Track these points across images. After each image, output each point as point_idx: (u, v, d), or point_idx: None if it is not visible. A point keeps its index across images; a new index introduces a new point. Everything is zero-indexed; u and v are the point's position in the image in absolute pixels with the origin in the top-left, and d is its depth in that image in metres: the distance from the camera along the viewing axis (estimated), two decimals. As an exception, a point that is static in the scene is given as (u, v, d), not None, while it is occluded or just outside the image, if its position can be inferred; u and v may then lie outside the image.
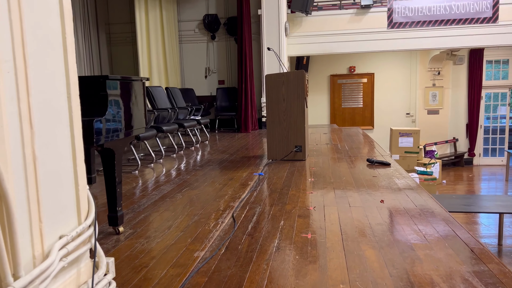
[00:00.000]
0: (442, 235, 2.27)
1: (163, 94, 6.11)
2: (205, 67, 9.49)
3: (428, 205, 2.84)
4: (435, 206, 2.81)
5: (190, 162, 4.97)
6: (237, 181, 3.77)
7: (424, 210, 2.73)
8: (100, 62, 9.05)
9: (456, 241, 2.18)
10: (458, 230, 2.34)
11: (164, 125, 5.15)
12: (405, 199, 3.03)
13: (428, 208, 2.78)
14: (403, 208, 2.79)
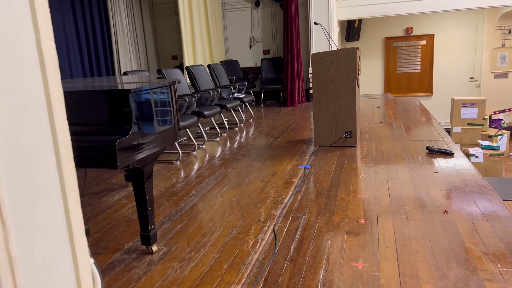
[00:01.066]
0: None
1: (205, 74, 5.86)
2: (249, 36, 9.08)
3: (504, 217, 2.43)
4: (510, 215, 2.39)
5: (233, 147, 4.75)
6: (281, 178, 3.50)
7: (500, 233, 2.33)
8: (144, 36, 8.92)
9: (541, 282, 1.80)
10: (543, 262, 1.95)
11: (206, 109, 4.94)
12: (474, 209, 2.63)
13: (506, 227, 2.38)
14: (472, 224, 2.41)
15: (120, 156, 1.93)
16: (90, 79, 3.38)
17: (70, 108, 2.25)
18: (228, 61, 8.85)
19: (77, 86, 2.38)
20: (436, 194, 2.92)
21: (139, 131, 2.07)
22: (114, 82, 2.66)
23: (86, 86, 2.26)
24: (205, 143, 5.06)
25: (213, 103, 5.43)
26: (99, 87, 2.22)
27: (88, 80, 3.25)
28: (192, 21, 8.30)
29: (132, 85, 2.20)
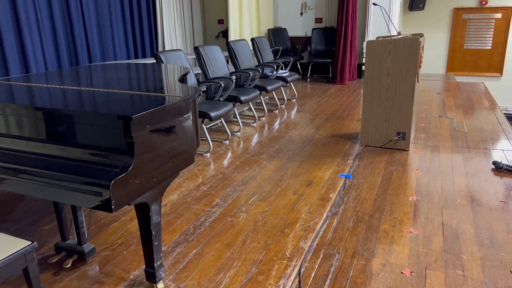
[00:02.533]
0: None
1: (246, 49, 5.38)
2: (301, 2, 8.35)
3: None
4: None
5: (270, 137, 4.35)
6: (317, 190, 3.09)
7: None
8: (191, 2, 8.44)
9: None
10: None
11: (243, 93, 4.52)
12: (551, 270, 2.12)
13: None
14: (548, 297, 1.92)
15: (116, 198, 1.60)
16: (113, 68, 3.05)
17: (70, 127, 1.95)
18: (275, 29, 8.25)
19: (73, 101, 2.05)
20: (502, 236, 2.42)
21: (144, 164, 1.72)
22: (126, 90, 2.31)
23: (83, 103, 1.91)
24: (240, 129, 4.69)
25: (253, 83, 4.99)
26: (98, 106, 1.86)
27: (110, 71, 2.92)
28: (240, -17, 7.69)
29: (138, 104, 1.83)
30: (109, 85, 2.27)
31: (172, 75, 2.63)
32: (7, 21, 5.04)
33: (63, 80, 2.46)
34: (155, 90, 2.13)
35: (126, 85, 2.29)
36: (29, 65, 5.36)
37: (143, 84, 2.31)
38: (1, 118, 1.96)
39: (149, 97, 1.96)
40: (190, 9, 8.51)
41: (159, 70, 2.88)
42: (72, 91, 2.12)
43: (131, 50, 7.24)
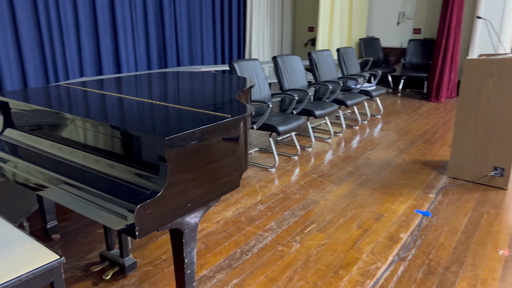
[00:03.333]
0: None
1: (329, 60, 5.08)
2: (399, 11, 7.77)
3: None
4: None
5: (343, 157, 4.02)
6: (386, 227, 2.72)
7: None
8: (283, 3, 8.35)
9: None
10: None
11: (319, 107, 4.24)
12: None
13: None
14: None
15: (141, 224, 1.48)
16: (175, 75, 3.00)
17: (106, 139, 1.89)
18: (368, 38, 7.78)
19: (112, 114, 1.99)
20: None
21: (178, 188, 1.58)
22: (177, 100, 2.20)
23: (124, 115, 1.83)
24: (313, 145, 4.42)
25: (333, 97, 4.68)
26: (136, 121, 1.76)
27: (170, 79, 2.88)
28: (334, -10, 7.38)
29: (179, 122, 1.69)
30: (160, 97, 2.19)
31: (232, 89, 2.49)
32: (105, 24, 5.39)
33: (120, 88, 2.45)
34: (204, 105, 1.99)
35: (178, 98, 2.19)
36: (121, 66, 5.68)
37: (196, 98, 2.19)
38: (44, 122, 1.98)
39: (194, 114, 1.82)
40: (281, 15, 8.42)
41: (221, 81, 2.75)
42: (120, 101, 2.07)
43: (218, 56, 7.35)
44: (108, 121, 1.71)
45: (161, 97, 2.20)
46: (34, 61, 4.67)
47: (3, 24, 4.31)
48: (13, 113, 2.22)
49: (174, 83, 2.66)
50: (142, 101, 2.09)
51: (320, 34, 7.51)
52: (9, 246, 1.68)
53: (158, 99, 2.13)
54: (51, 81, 4.85)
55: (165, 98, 2.18)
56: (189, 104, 2.03)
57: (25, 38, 4.51)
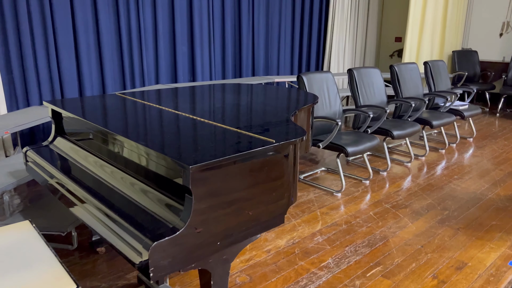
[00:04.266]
0: None
1: (415, 74, 4.56)
2: (502, 21, 6.88)
3: None
4: None
5: (423, 186, 3.52)
6: (469, 280, 2.23)
7: None
8: (368, 11, 7.88)
9: None
10: None
11: (398, 127, 3.78)
12: None
13: None
14: None
15: (156, 265, 1.27)
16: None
17: (135, 159, 1.72)
18: (463, 51, 7.00)
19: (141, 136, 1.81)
20: None
21: (205, 223, 1.35)
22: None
23: (154, 133, 1.64)
24: (388, 168, 3.95)
25: (416, 115, 4.17)
26: (166, 141, 1.56)
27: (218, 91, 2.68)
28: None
29: (212, 146, 1.46)
30: (205, 113, 1.99)
31: (290, 106, 2.21)
32: (182, 32, 5.44)
33: (169, 100, 2.30)
34: (250, 126, 1.75)
35: (224, 115, 1.96)
36: (196, 74, 5.70)
37: (244, 116, 1.95)
38: (89, 133, 1.88)
39: (234, 136, 1.58)
40: (365, 25, 7.94)
41: (279, 96, 2.49)
42: (161, 116, 1.90)
43: (295, 67, 7.11)
44: (132, 137, 1.54)
45: (206, 113, 2.00)
46: (113, 66, 4.83)
47: (86, 29, 4.51)
48: (64, 122, 2.18)
49: (227, 97, 2.46)
50: (184, 116, 1.91)
51: (407, 45, 6.92)
52: (30, 266, 1.58)
53: (201, 115, 1.93)
54: (127, 87, 4.98)
55: (210, 114, 1.97)
56: (234, 123, 1.80)
57: (105, 43, 4.68)
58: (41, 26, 4.15)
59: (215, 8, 5.72)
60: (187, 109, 2.07)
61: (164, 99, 2.34)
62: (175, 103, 2.22)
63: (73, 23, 4.39)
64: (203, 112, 2.02)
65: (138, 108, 2.07)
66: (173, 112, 1.99)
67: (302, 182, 3.60)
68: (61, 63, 4.37)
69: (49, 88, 4.35)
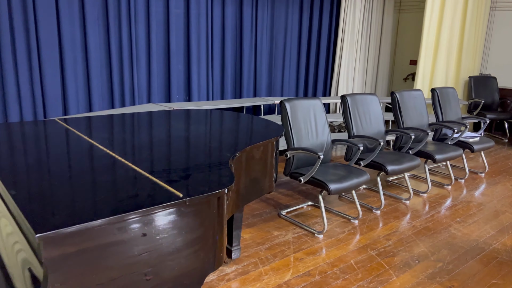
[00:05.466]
0: None
1: (419, 102, 4.19)
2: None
3: None
4: None
5: (418, 229, 3.12)
6: None
7: None
8: (381, 34, 7.55)
9: None
10: None
11: (394, 162, 3.41)
12: None
13: None
14: None
15: None
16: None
17: None
18: (481, 77, 6.55)
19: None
20: None
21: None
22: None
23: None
24: (382, 207, 3.56)
25: (418, 147, 3.79)
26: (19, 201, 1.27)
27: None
28: (441, 18, 6.40)
29: (92, 206, 1.17)
30: (126, 149, 1.70)
31: (238, 141, 1.90)
32: (178, 48, 5.24)
33: (103, 128, 2.03)
34: (165, 171, 1.45)
35: (143, 153, 1.67)
36: (192, 94, 5.47)
37: (168, 156, 1.65)
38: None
39: (134, 185, 1.28)
40: (378, 45, 7.60)
41: (235, 128, 2.19)
42: (68, 152, 1.63)
43: (300, 89, 6.82)
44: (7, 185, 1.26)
45: (128, 148, 1.72)
46: (101, 84, 4.65)
47: (73, 44, 4.35)
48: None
49: (170, 127, 2.18)
50: (97, 152, 1.63)
51: (420, 69, 6.54)
52: None
53: (120, 151, 1.65)
54: (116, 105, 4.79)
55: (131, 150, 1.68)
56: (149, 165, 1.50)
57: (94, 59, 4.51)
58: (24, 40, 4.00)
59: (215, 24, 5.51)
60: (110, 142, 1.79)
61: (100, 127, 2.07)
62: (107, 133, 1.95)
63: (59, 37, 4.24)
64: (125, 146, 1.73)
65: (56, 140, 1.81)
66: (88, 145, 1.72)
67: (283, 218, 3.26)
68: (44, 78, 4.22)
69: (31, 105, 4.19)
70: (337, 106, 7.29)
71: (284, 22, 6.34)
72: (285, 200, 3.63)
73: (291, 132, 3.08)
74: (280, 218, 3.26)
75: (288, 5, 6.28)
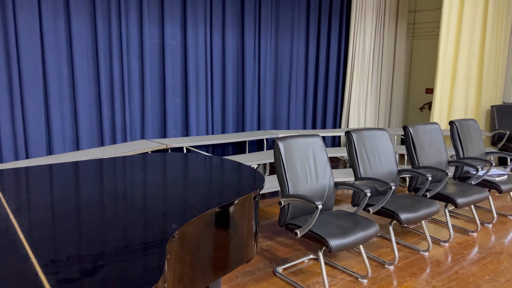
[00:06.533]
0: None
1: (436, 137, 3.73)
2: (551, 72, 5.92)
3: None
4: None
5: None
6: None
7: None
8: (394, 59, 7.16)
9: None
10: None
11: (407, 208, 2.93)
12: None
13: None
14: None
15: None
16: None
17: None
18: (504, 105, 6.06)
19: None
20: None
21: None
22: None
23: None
24: (395, 261, 3.05)
25: (435, 190, 3.30)
26: None
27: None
28: (458, 44, 5.99)
29: None
30: (31, 219, 1.30)
31: (197, 204, 1.49)
32: (174, 80, 4.94)
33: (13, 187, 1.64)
34: (71, 258, 1.04)
35: (61, 227, 1.27)
36: (190, 128, 5.13)
37: (94, 234, 1.25)
38: None
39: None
40: (391, 74, 7.20)
41: (199, 181, 1.77)
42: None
43: (308, 121, 6.42)
44: None
45: (34, 219, 1.32)
46: (89, 120, 4.35)
47: (59, 77, 4.08)
48: None
49: (100, 183, 1.77)
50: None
51: (437, 98, 6.09)
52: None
53: (25, 226, 1.25)
54: (106, 143, 4.46)
55: (36, 221, 1.28)
56: (44, 250, 1.10)
57: (81, 94, 4.22)
58: (5, 73, 3.74)
59: (215, 54, 5.21)
60: (24, 206, 1.40)
61: (20, 183, 1.69)
62: (26, 193, 1.56)
63: (43, 69, 3.97)
64: (39, 213, 1.33)
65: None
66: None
67: (279, 277, 2.79)
68: (26, 115, 3.93)
69: (11, 144, 3.89)
70: (348, 138, 6.83)
71: (289, 51, 6.03)
72: (283, 252, 3.16)
73: (286, 176, 2.66)
74: (276, 276, 2.79)
75: (293, 33, 5.98)
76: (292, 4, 5.91)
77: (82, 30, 4.14)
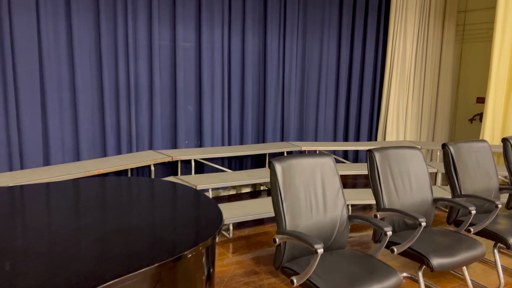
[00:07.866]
0: None
1: (485, 157, 3.04)
2: None
3: None
4: None
5: None
6: None
7: None
8: (440, 64, 6.40)
9: None
10: None
11: (440, 250, 2.30)
12: None
13: None
14: None
15: None
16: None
17: None
18: None
19: None
20: None
21: None
22: None
23: None
24: (429, 317, 2.42)
25: (481, 226, 2.62)
26: None
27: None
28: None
29: None
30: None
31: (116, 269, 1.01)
32: (187, 87, 4.54)
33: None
34: None
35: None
36: (204, 138, 4.70)
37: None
38: None
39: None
40: (436, 82, 6.44)
41: (140, 226, 1.29)
42: None
43: (339, 132, 5.80)
44: None
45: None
46: (92, 129, 4.03)
47: (59, 83, 3.78)
48: None
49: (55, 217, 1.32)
50: None
51: (489, 109, 5.30)
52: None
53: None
54: (109, 153, 4.12)
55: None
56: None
57: (83, 101, 3.91)
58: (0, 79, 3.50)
59: (233, 58, 4.75)
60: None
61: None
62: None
63: (40, 73, 3.68)
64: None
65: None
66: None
67: (274, 329, 2.25)
68: (22, 123, 3.65)
69: (6, 154, 3.62)
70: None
71: (319, 55, 5.47)
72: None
73: (282, 206, 2.13)
74: (270, 328, 2.26)
75: (323, 35, 5.42)
76: (322, 3, 5.36)
77: (84, 31, 3.84)
